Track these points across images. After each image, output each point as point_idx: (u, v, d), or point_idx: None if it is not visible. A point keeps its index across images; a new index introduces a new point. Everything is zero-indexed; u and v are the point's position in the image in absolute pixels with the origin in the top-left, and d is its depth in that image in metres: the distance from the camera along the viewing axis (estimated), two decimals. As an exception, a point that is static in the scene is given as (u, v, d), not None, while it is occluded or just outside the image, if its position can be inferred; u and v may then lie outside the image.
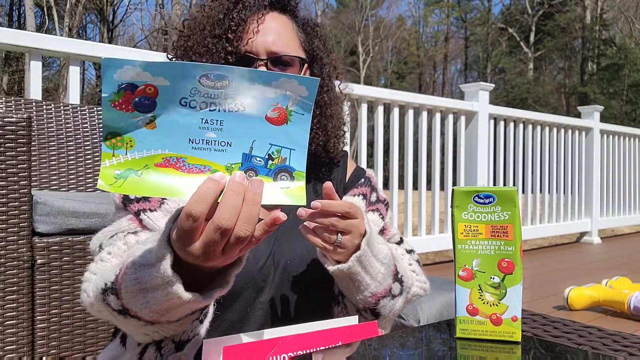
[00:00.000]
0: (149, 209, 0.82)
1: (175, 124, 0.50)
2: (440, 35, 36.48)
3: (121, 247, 0.77)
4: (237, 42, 0.88)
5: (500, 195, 0.67)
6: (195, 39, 0.91)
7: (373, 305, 0.86)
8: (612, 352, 0.67)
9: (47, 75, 19.58)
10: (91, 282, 0.74)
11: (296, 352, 0.72)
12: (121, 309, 0.67)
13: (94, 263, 0.77)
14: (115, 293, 0.67)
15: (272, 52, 0.89)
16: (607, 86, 28.21)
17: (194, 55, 0.91)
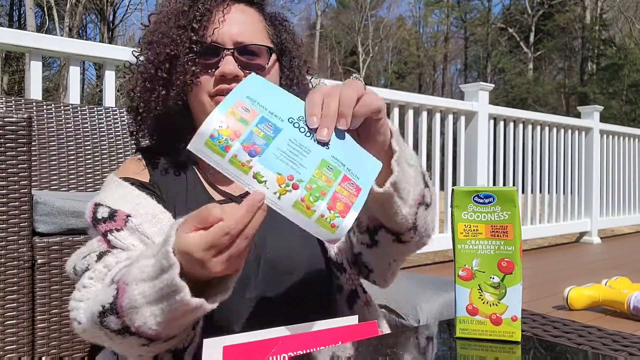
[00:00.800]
0: (115, 229, 0.81)
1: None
2: (440, 35, 36.49)
3: (102, 270, 0.77)
4: (203, 32, 0.87)
5: (500, 195, 0.67)
6: (161, 31, 0.89)
7: (414, 216, 0.81)
8: (612, 352, 0.67)
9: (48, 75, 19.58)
10: (80, 309, 0.74)
11: (296, 352, 0.72)
12: (121, 328, 0.68)
13: (77, 291, 0.77)
14: (116, 313, 0.67)
15: (239, 42, 0.88)
16: (606, 86, 28.20)
17: (158, 48, 0.89)
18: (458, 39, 36.36)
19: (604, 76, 28.92)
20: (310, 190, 0.61)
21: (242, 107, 0.62)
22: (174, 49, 0.87)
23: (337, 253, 0.94)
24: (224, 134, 0.60)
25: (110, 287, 0.70)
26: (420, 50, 35.70)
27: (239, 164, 0.60)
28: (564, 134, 4.91)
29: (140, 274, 0.66)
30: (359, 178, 0.65)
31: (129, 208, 0.83)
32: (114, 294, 0.68)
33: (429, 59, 35.84)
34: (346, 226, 0.61)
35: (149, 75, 0.90)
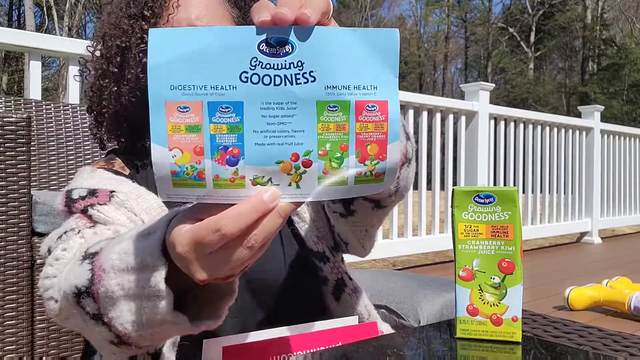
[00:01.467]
0: (98, 202, 0.73)
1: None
2: (441, 34, 36.48)
3: (77, 240, 0.68)
4: (155, 19, 0.80)
5: (500, 195, 0.67)
6: (111, 22, 0.83)
7: (398, 179, 0.75)
8: (613, 352, 0.67)
9: (47, 75, 19.59)
10: (55, 286, 0.64)
11: (296, 353, 0.71)
12: (96, 313, 0.58)
13: (48, 267, 0.66)
14: (92, 296, 0.57)
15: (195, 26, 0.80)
16: (607, 86, 28.21)
17: (110, 40, 0.82)
18: (458, 38, 36.37)
19: (605, 76, 28.92)
20: (326, 155, 0.45)
21: (176, 110, 0.43)
22: (125, 40, 0.81)
23: (317, 242, 0.87)
24: (184, 162, 0.44)
25: (83, 266, 0.59)
26: (420, 50, 35.70)
27: (226, 183, 0.45)
28: (564, 133, 4.91)
29: (119, 262, 0.55)
30: (376, 88, 0.45)
31: (110, 186, 0.76)
32: (89, 277, 0.57)
33: (430, 58, 35.84)
34: (392, 166, 0.47)
35: (102, 72, 0.84)
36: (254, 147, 0.45)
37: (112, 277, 0.55)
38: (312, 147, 0.45)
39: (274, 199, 0.45)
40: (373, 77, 0.45)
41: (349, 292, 0.88)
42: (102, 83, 0.84)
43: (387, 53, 0.45)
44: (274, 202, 0.45)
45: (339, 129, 0.45)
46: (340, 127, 0.45)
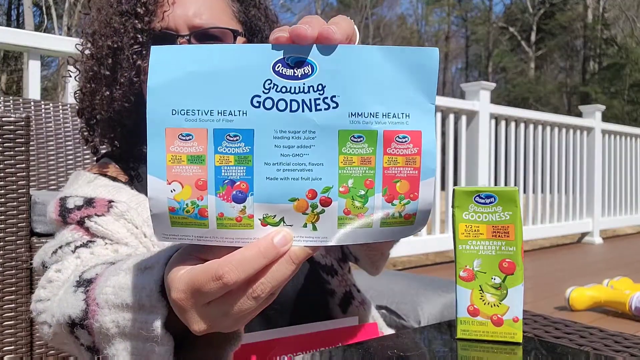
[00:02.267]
0: (95, 214, 0.68)
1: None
2: (441, 34, 36.48)
3: (72, 261, 0.64)
4: (150, 17, 0.74)
5: (501, 195, 0.67)
6: (101, 19, 0.77)
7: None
8: (614, 352, 0.67)
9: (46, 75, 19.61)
10: (47, 311, 0.60)
11: (296, 353, 0.71)
12: (92, 346, 0.55)
13: (41, 289, 0.62)
14: (87, 329, 0.54)
15: (195, 25, 0.75)
16: (608, 86, 28.20)
17: (100, 40, 0.77)
18: (459, 38, 36.38)
19: (606, 75, 28.91)
20: (348, 193, 0.40)
21: (177, 138, 0.38)
22: (116, 40, 0.75)
23: (325, 255, 0.86)
24: (185, 197, 0.39)
25: (77, 294, 0.55)
26: (421, 50, 35.66)
27: (232, 222, 0.39)
28: (565, 133, 4.90)
29: (114, 297, 0.50)
30: (408, 116, 0.39)
31: (108, 195, 0.71)
32: (83, 308, 0.54)
33: (430, 58, 35.81)
34: (425, 207, 0.42)
35: (92, 74, 0.79)
36: (265, 182, 0.39)
37: (106, 312, 0.51)
38: (332, 183, 0.39)
39: (285, 243, 0.39)
40: (405, 103, 0.39)
41: (356, 305, 0.87)
42: (93, 86, 0.78)
43: (423, 75, 0.39)
44: (286, 247, 0.39)
45: (363, 162, 0.39)
46: (366, 161, 0.39)
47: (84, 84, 0.80)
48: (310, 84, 0.38)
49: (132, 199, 0.72)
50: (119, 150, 0.82)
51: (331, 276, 0.86)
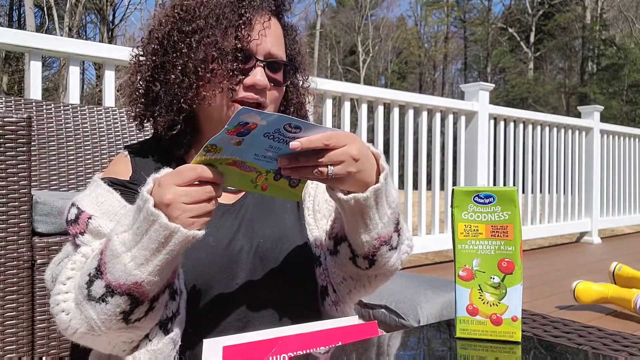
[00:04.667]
0: (79, 232, 0.84)
1: (252, 145, 0.70)
2: (440, 35, 36.48)
3: (80, 260, 0.81)
4: (243, 41, 0.89)
5: (500, 195, 0.67)
6: (201, 24, 0.89)
7: (374, 250, 0.84)
8: (613, 352, 0.67)
9: (47, 75, 19.59)
10: (69, 300, 0.77)
11: (296, 352, 0.72)
12: (105, 292, 0.72)
13: (61, 285, 0.79)
14: (100, 273, 0.73)
15: (270, 54, 0.92)
16: (607, 86, 28.21)
17: (201, 45, 0.88)
18: (458, 38, 36.36)
19: (604, 76, 28.93)
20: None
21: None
22: (216, 50, 0.88)
23: (318, 246, 0.95)
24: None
25: (93, 258, 0.76)
26: (420, 50, 35.71)
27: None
28: (564, 133, 4.91)
29: (120, 227, 0.73)
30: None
31: (93, 208, 0.86)
32: (98, 258, 0.74)
33: (429, 58, 35.85)
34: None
35: (183, 69, 0.89)
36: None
37: (115, 239, 0.72)
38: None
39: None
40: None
41: (329, 303, 0.93)
42: (179, 80, 0.90)
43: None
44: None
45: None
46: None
47: (145, 84, 0.94)
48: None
49: (111, 210, 0.86)
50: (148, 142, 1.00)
51: (315, 265, 0.94)
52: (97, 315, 0.74)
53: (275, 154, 0.72)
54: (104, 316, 0.73)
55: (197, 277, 0.86)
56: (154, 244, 0.69)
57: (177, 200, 0.68)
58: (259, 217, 0.95)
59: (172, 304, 0.81)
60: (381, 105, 3.41)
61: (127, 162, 0.95)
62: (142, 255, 0.70)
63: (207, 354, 0.70)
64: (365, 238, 0.82)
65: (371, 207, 0.78)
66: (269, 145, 0.71)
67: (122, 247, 0.71)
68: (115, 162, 0.97)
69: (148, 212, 0.69)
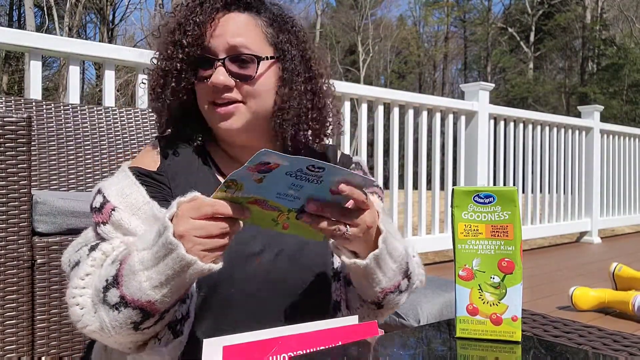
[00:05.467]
0: (102, 221, 0.86)
1: (274, 182, 0.70)
2: (440, 35, 36.49)
3: (100, 257, 0.82)
4: (193, 48, 0.91)
5: (500, 195, 0.67)
6: (162, 44, 0.95)
7: (380, 299, 0.89)
8: (613, 352, 0.67)
9: (47, 75, 19.58)
10: (85, 295, 0.79)
11: (296, 352, 0.71)
12: (119, 301, 0.74)
13: (78, 279, 0.80)
14: (116, 283, 0.75)
15: (231, 48, 0.91)
16: (607, 86, 28.20)
17: (160, 60, 0.95)
18: (458, 38, 36.36)
19: (605, 76, 28.92)
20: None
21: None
22: (167, 64, 0.92)
23: (341, 263, 0.96)
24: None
25: (113, 264, 0.77)
26: (420, 50, 35.70)
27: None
28: (564, 133, 4.91)
29: (141, 243, 0.75)
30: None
31: (118, 199, 0.87)
32: (117, 267, 0.76)
33: (429, 58, 35.84)
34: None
35: (154, 84, 0.96)
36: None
37: (134, 255, 0.74)
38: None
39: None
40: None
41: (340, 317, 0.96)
42: (158, 91, 0.96)
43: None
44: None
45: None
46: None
47: (150, 90, 0.98)
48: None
49: (134, 204, 0.87)
50: (174, 132, 1.01)
51: (334, 280, 0.97)
52: (109, 321, 0.76)
53: (297, 193, 0.72)
54: (115, 322, 0.76)
55: (208, 279, 0.86)
56: (169, 271, 0.71)
57: (190, 233, 0.70)
58: None
59: (182, 306, 0.83)
60: (381, 105, 3.41)
61: (156, 152, 0.97)
62: (157, 278, 0.72)
63: (207, 353, 0.70)
64: (369, 292, 0.88)
65: (373, 269, 0.83)
66: (291, 184, 0.71)
67: (140, 265, 0.73)
68: (144, 151, 0.99)
69: (167, 240, 0.70)
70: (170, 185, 0.93)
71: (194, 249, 0.70)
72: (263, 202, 0.73)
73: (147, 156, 0.97)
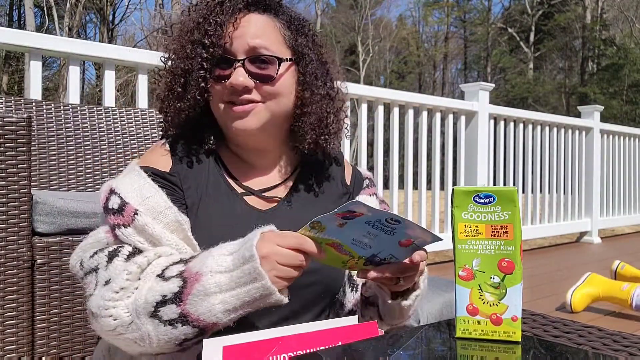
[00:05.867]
0: (123, 224, 0.84)
1: (353, 228, 0.74)
2: (440, 35, 36.49)
3: (136, 270, 0.80)
4: (214, 48, 0.89)
5: (500, 195, 0.67)
6: (180, 44, 0.93)
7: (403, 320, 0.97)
8: (613, 352, 0.67)
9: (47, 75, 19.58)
10: (119, 307, 0.77)
11: (296, 352, 0.72)
12: (177, 317, 0.74)
13: (112, 292, 0.78)
14: (179, 301, 0.75)
15: (251, 49, 0.90)
16: (607, 86, 28.19)
17: (178, 60, 0.93)
18: (458, 38, 36.36)
19: (605, 76, 28.91)
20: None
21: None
22: (187, 63, 0.90)
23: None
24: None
25: (169, 281, 0.77)
26: (420, 50, 35.70)
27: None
28: (564, 133, 4.91)
29: (217, 266, 0.75)
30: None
31: (138, 202, 0.85)
32: (181, 285, 0.75)
33: (429, 58, 35.84)
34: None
35: (169, 86, 0.94)
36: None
37: (209, 277, 0.74)
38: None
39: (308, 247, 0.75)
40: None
41: None
42: (169, 95, 0.94)
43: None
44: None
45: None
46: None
47: (162, 92, 0.96)
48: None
49: (156, 208, 0.85)
50: (182, 132, 0.97)
51: (351, 289, 1.00)
52: (157, 334, 0.76)
53: (371, 241, 0.76)
54: (165, 337, 0.76)
55: None
56: (247, 298, 0.73)
57: (272, 257, 0.73)
58: (294, 229, 0.94)
59: None
60: (381, 105, 3.41)
61: (167, 152, 0.94)
62: (233, 302, 0.74)
63: (207, 353, 0.70)
64: (397, 321, 0.96)
65: (410, 307, 0.92)
66: (367, 232, 0.75)
67: (216, 287, 0.74)
68: (154, 151, 0.96)
69: (254, 270, 0.72)
70: (182, 187, 0.91)
71: (270, 273, 0.73)
72: (339, 245, 0.76)
73: (158, 155, 0.94)
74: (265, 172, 0.98)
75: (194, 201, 0.90)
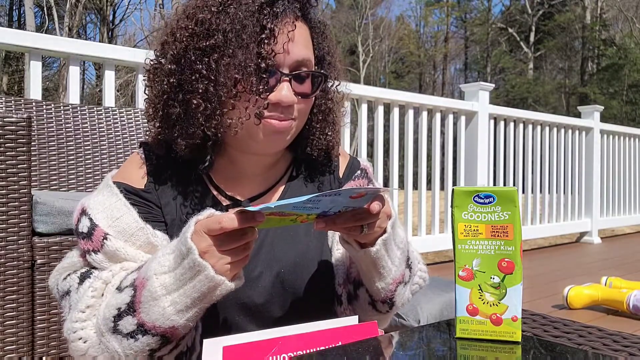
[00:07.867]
0: (93, 249, 0.80)
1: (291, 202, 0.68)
2: (440, 35, 36.49)
3: (101, 286, 0.77)
4: (267, 57, 0.79)
5: (500, 195, 0.67)
6: (219, 40, 0.78)
7: (392, 293, 0.86)
8: (612, 352, 0.67)
9: (47, 75, 19.58)
10: (87, 328, 0.75)
11: (296, 352, 0.71)
12: (135, 329, 0.71)
13: (78, 312, 0.76)
14: (132, 311, 0.71)
15: (297, 64, 0.82)
16: (607, 86, 28.20)
17: (227, 71, 0.78)
18: (458, 38, 36.36)
19: (604, 76, 28.92)
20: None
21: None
22: (238, 72, 0.78)
23: (340, 285, 0.93)
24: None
25: (123, 292, 0.73)
26: (420, 50, 35.71)
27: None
28: (564, 133, 4.91)
29: (160, 267, 0.71)
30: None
31: (107, 223, 0.80)
32: (132, 294, 0.72)
33: (429, 58, 35.85)
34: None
35: (203, 93, 0.79)
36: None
37: (154, 280, 0.70)
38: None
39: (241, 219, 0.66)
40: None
41: None
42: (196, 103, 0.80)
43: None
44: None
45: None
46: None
47: (159, 97, 0.84)
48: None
49: (127, 230, 0.81)
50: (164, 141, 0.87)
51: (338, 304, 0.93)
52: (122, 349, 0.73)
53: (314, 205, 0.69)
54: (130, 351, 0.73)
55: (212, 307, 0.80)
56: (196, 294, 0.69)
57: (210, 248, 0.67)
58: (281, 241, 0.90)
59: (188, 338, 0.79)
60: (381, 105, 3.41)
61: (143, 165, 0.87)
62: (183, 302, 0.70)
63: (207, 354, 0.70)
64: (381, 285, 0.84)
65: (382, 256, 0.81)
66: (308, 200, 0.68)
67: (162, 289, 0.70)
68: (130, 164, 0.88)
69: (194, 262, 0.67)
70: (159, 204, 0.85)
71: (218, 265, 0.68)
72: (279, 213, 0.70)
73: (133, 169, 0.87)
74: (255, 178, 0.92)
75: (174, 217, 0.85)
